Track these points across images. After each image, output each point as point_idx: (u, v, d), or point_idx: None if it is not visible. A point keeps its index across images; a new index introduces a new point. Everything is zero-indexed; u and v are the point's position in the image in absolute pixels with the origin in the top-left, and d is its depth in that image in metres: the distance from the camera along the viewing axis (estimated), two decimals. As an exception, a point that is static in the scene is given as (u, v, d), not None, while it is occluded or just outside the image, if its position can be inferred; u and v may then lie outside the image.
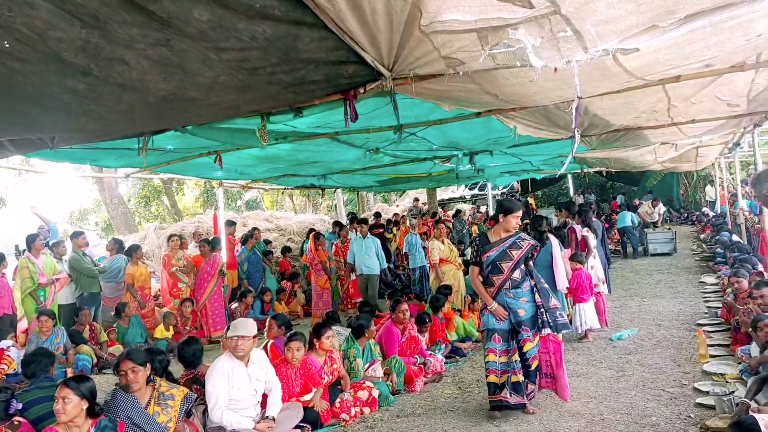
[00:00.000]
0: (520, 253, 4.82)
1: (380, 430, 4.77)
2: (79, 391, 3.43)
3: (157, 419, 3.97)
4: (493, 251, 4.86)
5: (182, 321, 9.43)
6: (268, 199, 28.68)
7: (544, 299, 4.78)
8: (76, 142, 5.77)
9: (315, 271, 10.39)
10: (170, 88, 3.74)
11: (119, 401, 3.88)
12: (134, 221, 22.76)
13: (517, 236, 4.91)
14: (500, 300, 4.82)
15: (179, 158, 7.32)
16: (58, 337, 7.75)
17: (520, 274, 4.86)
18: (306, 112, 4.58)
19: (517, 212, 4.92)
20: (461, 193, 24.83)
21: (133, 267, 9.53)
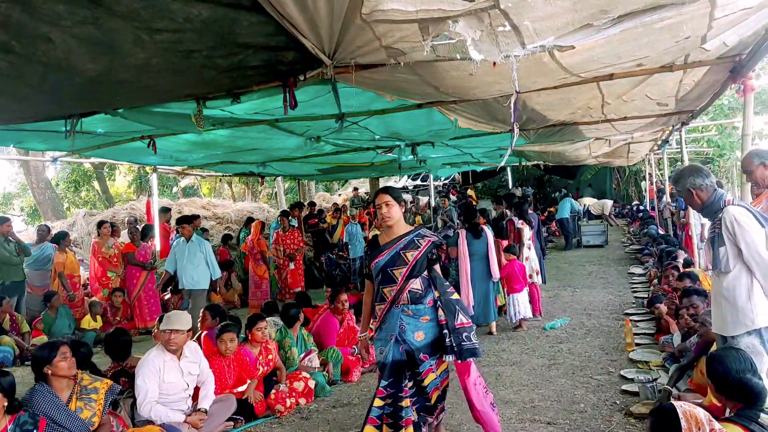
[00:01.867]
0: (417, 254, 3.68)
1: (315, 421, 4.75)
2: None
3: (80, 415, 3.80)
4: (384, 255, 3.73)
5: (112, 311, 9.12)
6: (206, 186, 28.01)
7: (449, 316, 3.63)
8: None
9: (254, 260, 10.23)
10: (99, 69, 3.57)
11: (37, 398, 3.69)
12: (63, 207, 21.75)
13: (415, 233, 3.80)
14: (392, 323, 3.67)
15: (110, 142, 7.02)
16: (-24, 328, 7.35)
17: (422, 284, 3.71)
18: (244, 98, 4.46)
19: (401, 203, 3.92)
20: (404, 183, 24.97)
21: (62, 255, 9.13)
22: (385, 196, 3.78)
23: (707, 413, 2.48)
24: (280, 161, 9.94)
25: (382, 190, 3.89)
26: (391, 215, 3.77)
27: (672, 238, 11.23)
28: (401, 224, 3.87)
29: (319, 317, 6.36)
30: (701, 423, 2.35)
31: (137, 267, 9.31)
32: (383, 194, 3.81)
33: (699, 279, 6.25)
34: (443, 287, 3.76)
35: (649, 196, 18.73)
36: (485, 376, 5.52)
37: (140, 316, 9.18)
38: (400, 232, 3.81)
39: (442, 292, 3.74)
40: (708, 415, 2.46)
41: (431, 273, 3.79)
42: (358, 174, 16.39)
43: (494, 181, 24.34)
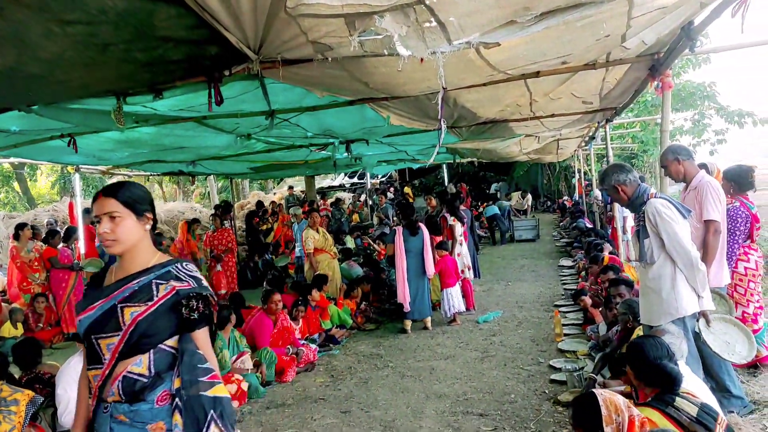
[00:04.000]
0: (143, 311, 2.05)
1: (249, 423, 4.66)
2: None
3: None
4: (89, 310, 2.12)
5: (35, 317, 8.64)
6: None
7: (190, 428, 1.99)
8: None
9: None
10: (7, 63, 3.35)
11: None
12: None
13: (162, 270, 2.20)
14: None
15: (27, 141, 6.62)
16: None
17: (150, 366, 2.08)
18: (167, 94, 4.29)
19: None
20: (341, 181, 24.89)
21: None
22: (107, 202, 2.19)
23: (626, 399, 2.58)
24: (210, 159, 9.67)
25: (104, 192, 2.26)
26: (116, 236, 2.19)
27: (600, 230, 11.67)
28: (141, 252, 2.27)
29: (252, 318, 6.24)
30: (620, 409, 2.44)
31: (64, 270, 8.87)
32: (105, 198, 2.20)
33: (621, 270, 6.51)
34: (194, 372, 2.05)
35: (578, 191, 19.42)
36: (419, 371, 5.60)
37: (69, 321, 8.74)
38: (135, 267, 2.22)
39: (188, 381, 2.03)
40: (626, 401, 2.55)
41: (182, 344, 2.12)
42: (293, 172, 16.20)
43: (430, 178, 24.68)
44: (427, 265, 7.24)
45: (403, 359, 6.12)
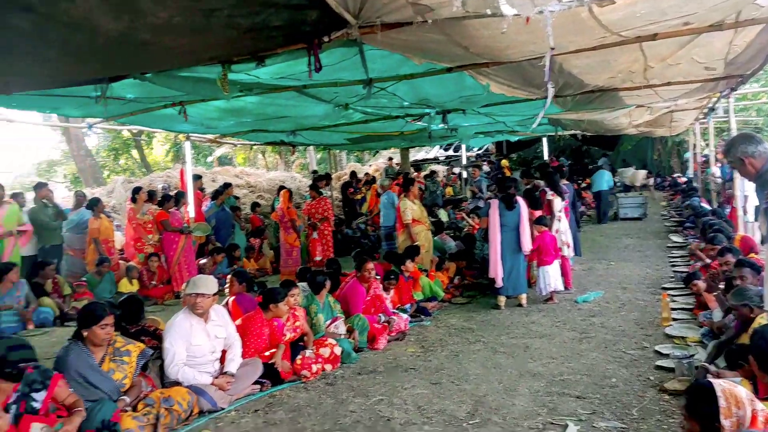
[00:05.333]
0: None
1: (340, 387, 4.73)
2: None
3: (112, 376, 3.85)
4: None
5: (148, 275, 9.27)
6: (241, 155, 28.21)
7: None
8: (30, 88, 5.49)
9: (284, 228, 10.27)
10: (120, 29, 3.50)
11: (72, 358, 3.74)
12: (102, 174, 22.21)
13: None
14: None
15: (142, 109, 7.03)
16: (18, 290, 7.56)
17: None
18: (269, 61, 4.36)
19: None
20: (435, 153, 24.68)
21: (96, 221, 9.33)
22: None
23: (749, 392, 2.33)
24: (309, 130, 9.85)
25: None
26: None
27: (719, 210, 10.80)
28: None
29: (346, 285, 6.34)
30: (741, 402, 2.21)
31: (175, 233, 9.43)
32: None
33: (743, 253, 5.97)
34: None
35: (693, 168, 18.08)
36: (513, 348, 5.46)
37: (178, 280, 9.32)
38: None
39: None
40: (750, 394, 2.31)
41: None
42: (388, 143, 16.21)
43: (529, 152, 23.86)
44: (523, 241, 7.00)
45: (496, 335, 5.99)
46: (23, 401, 3.20)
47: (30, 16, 3.24)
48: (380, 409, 4.17)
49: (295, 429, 3.92)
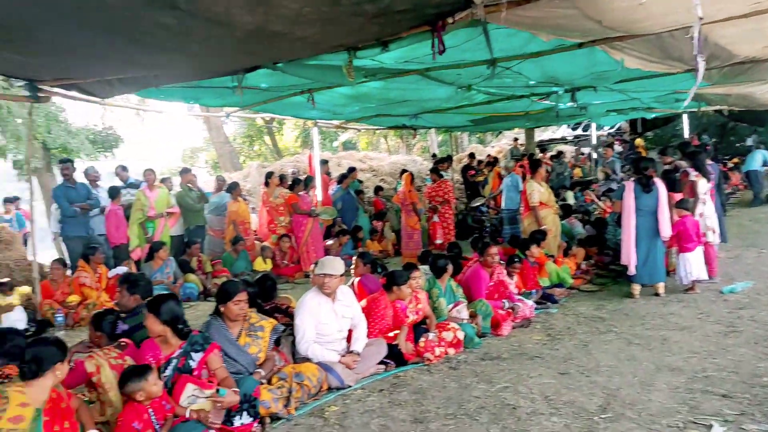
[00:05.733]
0: None
1: (464, 372, 4.72)
2: (159, 317, 3.61)
3: (248, 350, 4.12)
4: None
5: (280, 255, 9.81)
6: (364, 140, 28.84)
7: None
8: (176, 80, 5.96)
9: (405, 211, 10.38)
10: (255, 22, 3.69)
11: (212, 331, 4.04)
12: (239, 159, 23.70)
13: None
14: None
15: (274, 97, 7.40)
16: (168, 267, 8.31)
17: None
18: (393, 46, 4.39)
19: None
20: (562, 133, 23.66)
21: (235, 203, 9.99)
22: None
23: None
24: (431, 113, 9.84)
25: None
26: None
27: None
28: None
29: (469, 269, 6.28)
30: None
31: (304, 215, 9.88)
32: None
33: None
34: None
35: None
36: (649, 340, 5.13)
37: (307, 260, 9.77)
38: None
39: None
40: None
41: None
42: (512, 124, 15.78)
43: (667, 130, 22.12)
44: (661, 226, 6.52)
45: (629, 325, 5.66)
46: (183, 357, 3.61)
47: (176, 14, 3.49)
48: (505, 397, 4.11)
49: (419, 410, 3.97)
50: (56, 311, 6.81)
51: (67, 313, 6.89)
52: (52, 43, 4.44)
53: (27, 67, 5.55)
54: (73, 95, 6.72)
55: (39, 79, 6.06)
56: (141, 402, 3.19)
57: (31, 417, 2.76)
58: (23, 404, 2.77)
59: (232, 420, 3.47)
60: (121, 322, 4.13)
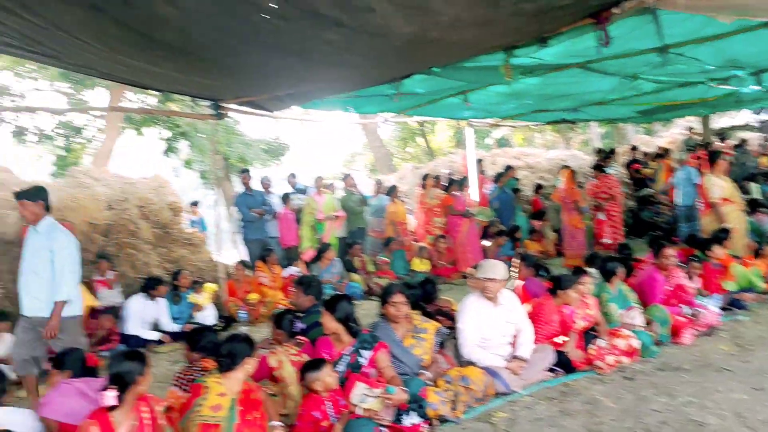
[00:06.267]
0: None
1: (640, 382, 4.42)
2: (334, 314, 3.88)
3: (412, 351, 4.23)
4: None
5: (437, 256, 9.92)
6: (519, 136, 28.15)
7: None
8: (338, 92, 6.30)
9: (567, 209, 9.93)
10: (413, 31, 3.79)
11: (379, 332, 4.21)
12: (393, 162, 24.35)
13: None
14: None
15: (429, 101, 7.52)
16: (334, 267, 8.80)
17: None
18: (552, 42, 4.26)
19: None
20: (745, 119, 21.17)
21: (394, 205, 10.31)
22: None
23: None
24: (593, 105, 9.34)
25: None
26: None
27: None
28: None
29: (643, 272, 5.87)
30: None
31: (459, 216, 9.92)
32: None
33: None
34: None
35: None
36: None
37: (463, 261, 9.80)
38: None
39: None
40: None
41: None
42: (685, 112, 14.37)
43: None
44: None
45: (839, 336, 4.94)
46: (354, 355, 3.85)
47: (341, 31, 3.70)
48: (689, 412, 3.77)
49: (592, 422, 3.79)
50: (240, 308, 7.53)
51: (249, 310, 7.57)
52: (234, 66, 4.92)
53: (212, 89, 6.21)
54: (248, 111, 7.40)
55: (221, 98, 6.74)
56: (319, 393, 3.42)
57: (228, 406, 3.08)
58: (221, 394, 3.11)
59: (401, 419, 3.57)
60: (298, 321, 4.44)
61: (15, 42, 4.30)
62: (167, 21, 3.66)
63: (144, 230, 8.25)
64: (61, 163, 14.50)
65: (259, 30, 3.67)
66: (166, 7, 3.41)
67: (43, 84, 14.81)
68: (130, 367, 2.89)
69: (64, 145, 14.84)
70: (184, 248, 8.66)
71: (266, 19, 3.40)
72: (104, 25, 3.78)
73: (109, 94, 14.02)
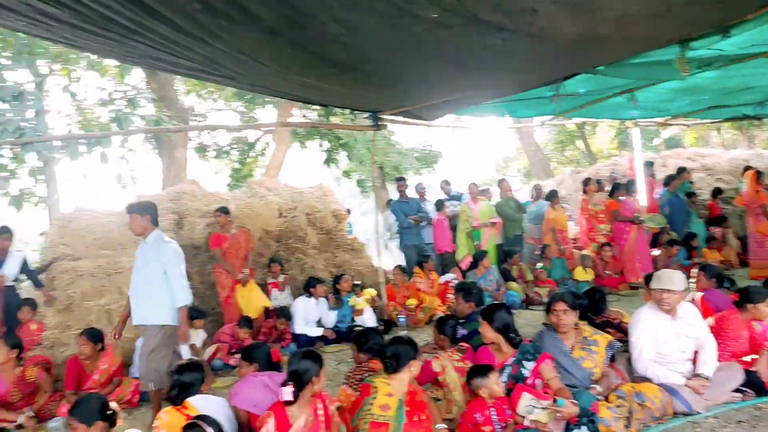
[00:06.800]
0: None
1: None
2: (492, 324, 3.83)
3: (582, 364, 4.04)
4: None
5: (602, 265, 9.39)
6: (692, 135, 25.78)
7: None
8: (494, 97, 6.27)
9: (752, 214, 8.89)
10: (578, 30, 3.67)
11: (545, 342, 4.08)
12: (550, 166, 23.55)
13: None
14: None
15: (591, 101, 7.20)
16: (491, 275, 8.70)
17: None
18: (735, 31, 3.87)
19: None
20: None
21: (553, 211, 9.96)
22: None
23: None
24: (785, 97, 8.31)
25: None
26: None
27: None
28: None
29: None
30: None
31: (626, 222, 9.34)
32: None
33: None
34: None
35: None
36: None
37: (631, 271, 9.19)
38: None
39: None
40: None
41: None
42: None
43: None
44: None
45: None
46: (516, 366, 3.78)
47: (502, 35, 3.68)
48: None
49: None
50: (399, 312, 7.73)
51: (407, 315, 7.74)
52: (394, 78, 5.11)
53: (371, 101, 6.49)
54: (405, 120, 7.61)
55: (379, 109, 7.02)
56: (484, 399, 3.41)
57: (396, 406, 3.19)
58: (389, 394, 3.22)
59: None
60: (461, 327, 4.46)
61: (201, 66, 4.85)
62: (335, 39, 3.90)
63: (311, 236, 8.80)
64: (235, 175, 15.99)
65: (420, 41, 3.78)
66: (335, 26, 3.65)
67: (220, 104, 16.49)
68: (307, 366, 3.10)
69: (238, 158, 16.35)
70: (346, 253, 9.10)
71: (428, 30, 3.49)
72: (280, 47, 4.13)
73: (276, 111, 15.20)
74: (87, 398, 3.38)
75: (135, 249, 4.86)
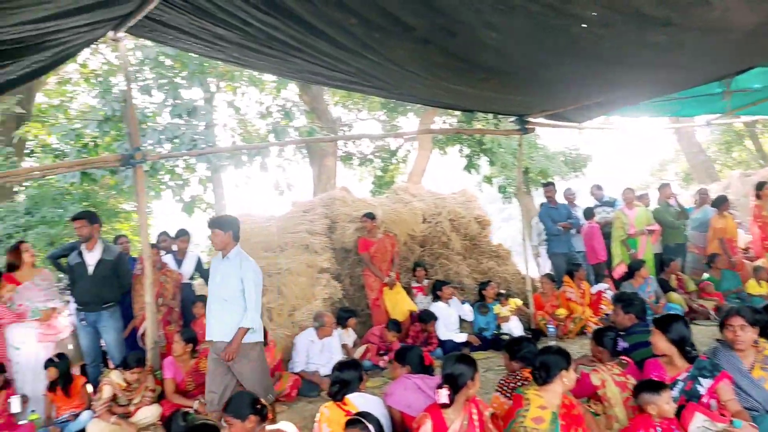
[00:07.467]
0: None
1: None
2: (666, 334, 3.57)
3: (763, 385, 3.64)
4: None
5: (778, 278, 8.40)
6: None
7: None
8: (654, 96, 5.90)
9: None
10: (758, 20, 3.34)
11: (721, 360, 3.74)
12: (715, 169, 21.49)
13: None
14: None
15: (765, 97, 6.51)
16: (649, 285, 8.11)
17: None
18: None
19: None
20: None
21: (721, 219, 9.08)
22: None
23: None
24: None
25: None
26: None
27: None
28: None
29: None
30: None
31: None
32: None
33: None
34: None
35: None
36: None
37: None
38: None
39: None
40: None
41: None
42: None
43: None
44: None
45: None
46: (690, 382, 3.50)
47: (667, 30, 3.45)
48: None
49: None
50: (547, 322, 7.47)
51: (557, 325, 7.46)
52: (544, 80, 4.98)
53: (519, 105, 6.38)
54: (554, 123, 7.37)
55: (527, 113, 6.87)
56: (651, 417, 3.19)
57: (549, 419, 3.09)
58: (542, 407, 3.13)
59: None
60: (621, 340, 4.21)
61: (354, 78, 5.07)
62: (485, 45, 3.90)
63: (455, 242, 8.81)
64: (378, 182, 16.46)
65: (576, 41, 3.65)
66: (486, 32, 3.64)
67: (364, 114, 17.09)
68: (462, 370, 3.12)
69: (381, 166, 16.82)
70: (491, 260, 8.98)
71: (586, 29, 3.36)
72: (431, 56, 4.21)
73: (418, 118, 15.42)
74: (239, 395, 3.62)
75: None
